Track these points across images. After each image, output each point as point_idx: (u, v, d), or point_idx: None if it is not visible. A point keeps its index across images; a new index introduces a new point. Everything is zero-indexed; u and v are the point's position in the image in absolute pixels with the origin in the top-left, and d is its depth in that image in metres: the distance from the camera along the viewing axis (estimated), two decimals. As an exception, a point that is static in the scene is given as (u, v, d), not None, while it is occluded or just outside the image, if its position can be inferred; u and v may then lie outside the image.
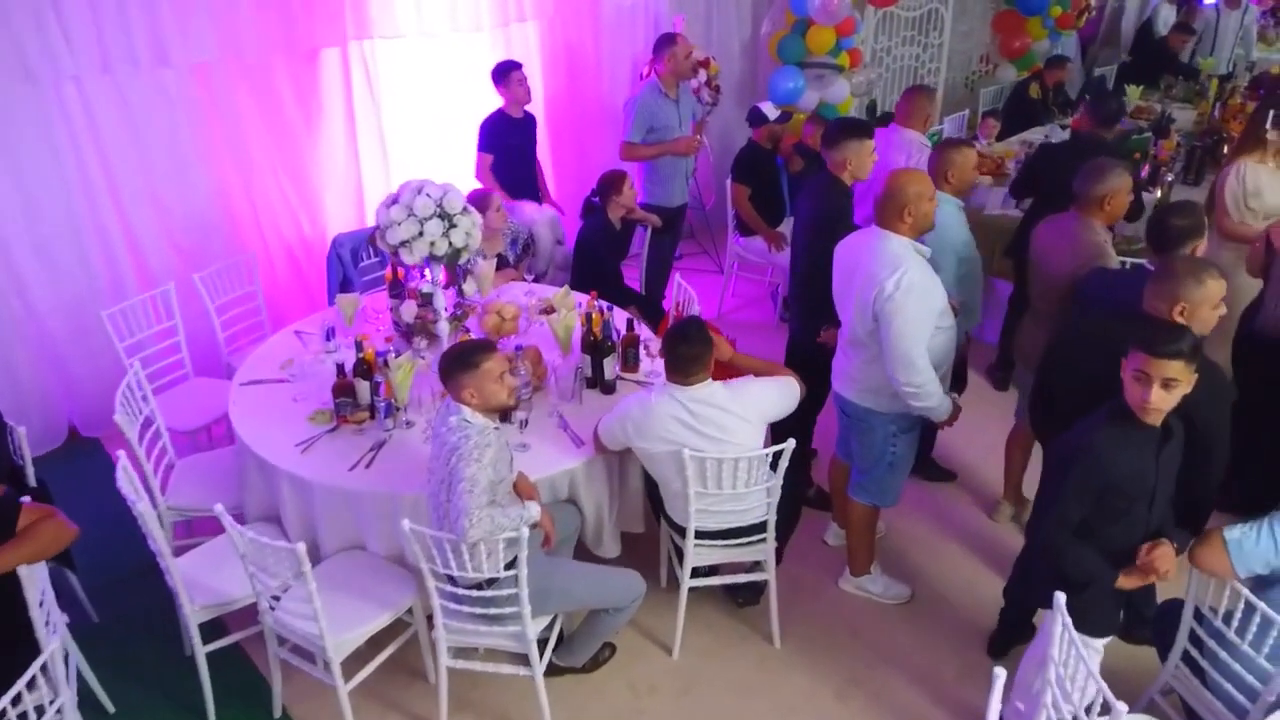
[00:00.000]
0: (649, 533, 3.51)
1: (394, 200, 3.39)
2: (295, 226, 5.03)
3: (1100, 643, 2.63)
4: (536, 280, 4.72)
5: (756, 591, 3.51)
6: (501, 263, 4.52)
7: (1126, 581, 2.53)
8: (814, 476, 4.17)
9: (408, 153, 5.29)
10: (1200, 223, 2.92)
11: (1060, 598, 2.30)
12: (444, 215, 3.36)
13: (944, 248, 3.29)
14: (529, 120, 5.21)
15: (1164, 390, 2.31)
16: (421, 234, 3.35)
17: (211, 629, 3.08)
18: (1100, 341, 2.57)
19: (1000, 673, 2.08)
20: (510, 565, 2.71)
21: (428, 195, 3.35)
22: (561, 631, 3.25)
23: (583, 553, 3.34)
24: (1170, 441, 2.45)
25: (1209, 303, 2.58)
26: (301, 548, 2.59)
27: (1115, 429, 2.40)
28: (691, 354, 2.93)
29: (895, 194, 3.00)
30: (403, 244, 3.36)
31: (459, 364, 2.70)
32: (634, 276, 5.25)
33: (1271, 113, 4.19)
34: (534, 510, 2.74)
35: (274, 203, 4.92)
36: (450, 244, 3.39)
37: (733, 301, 6.06)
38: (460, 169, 5.17)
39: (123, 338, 4.03)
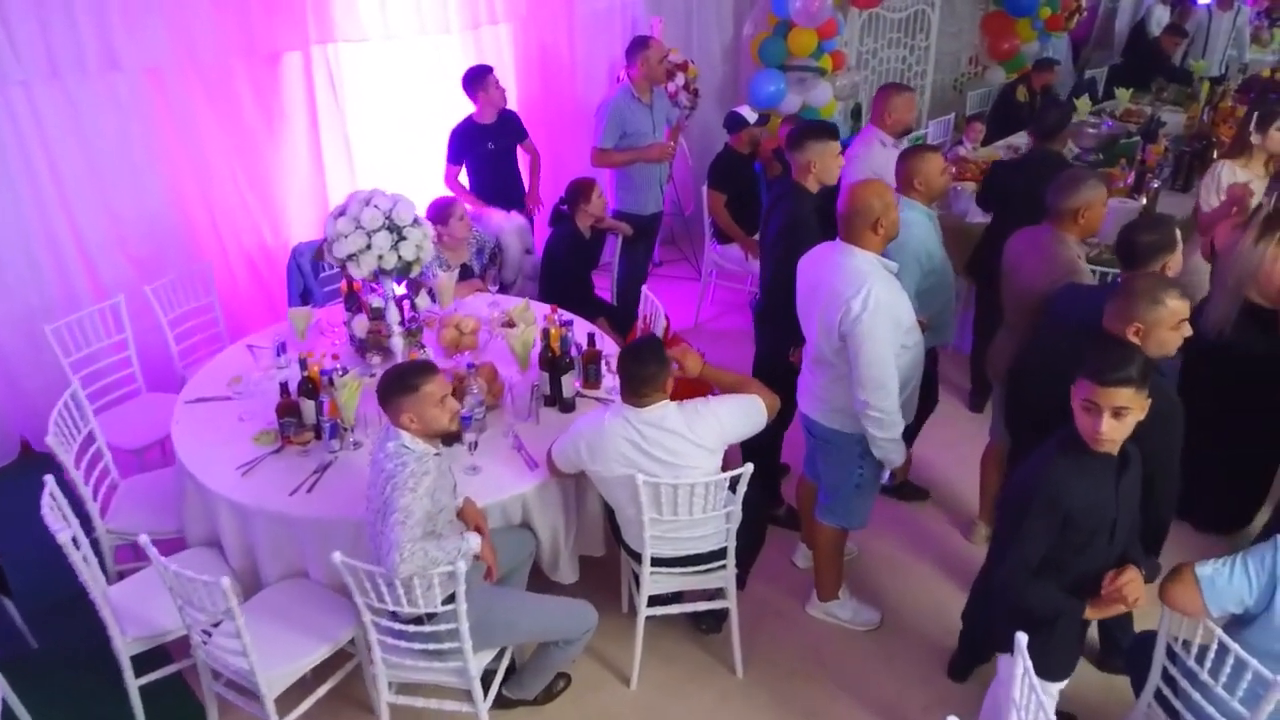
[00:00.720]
0: (610, 556, 3.37)
1: (341, 211, 3.27)
2: (256, 235, 4.88)
3: (1056, 687, 2.51)
4: (504, 291, 4.58)
5: (720, 619, 3.38)
6: (466, 273, 4.39)
7: (1094, 612, 2.41)
8: (785, 494, 4.04)
9: (374, 159, 5.14)
10: (1170, 237, 2.78)
11: (1022, 640, 2.17)
12: (393, 227, 3.23)
13: (906, 257, 3.16)
14: (505, 122, 5.01)
15: (1115, 419, 2.17)
16: (369, 247, 3.22)
17: (153, 656, 2.95)
18: (1071, 359, 2.44)
19: (953, 722, 1.96)
20: (450, 599, 2.58)
21: (376, 207, 3.23)
22: (513, 661, 3.13)
23: (539, 579, 3.21)
24: (1128, 470, 2.32)
25: (1166, 324, 2.44)
26: (226, 582, 2.46)
27: (1069, 460, 2.27)
28: (643, 374, 2.80)
29: (863, 209, 2.87)
30: (350, 257, 3.24)
31: (397, 387, 2.57)
32: (606, 286, 5.12)
33: (1256, 115, 4.13)
34: (473, 542, 2.60)
35: (233, 210, 4.77)
36: (400, 257, 3.26)
37: (711, 309, 5.93)
38: (429, 175, 5.05)
39: (72, 352, 3.89)
